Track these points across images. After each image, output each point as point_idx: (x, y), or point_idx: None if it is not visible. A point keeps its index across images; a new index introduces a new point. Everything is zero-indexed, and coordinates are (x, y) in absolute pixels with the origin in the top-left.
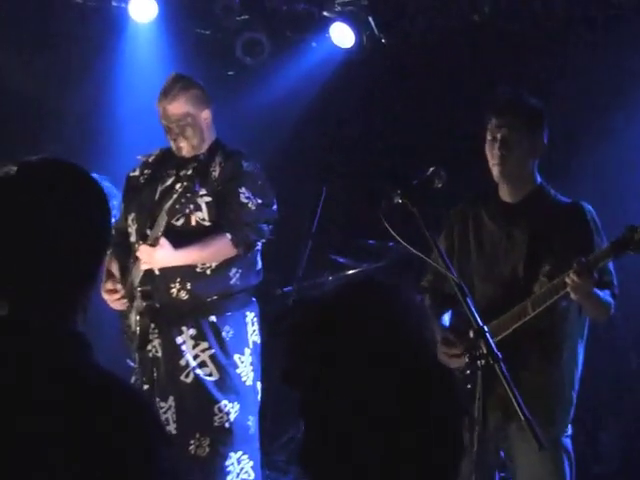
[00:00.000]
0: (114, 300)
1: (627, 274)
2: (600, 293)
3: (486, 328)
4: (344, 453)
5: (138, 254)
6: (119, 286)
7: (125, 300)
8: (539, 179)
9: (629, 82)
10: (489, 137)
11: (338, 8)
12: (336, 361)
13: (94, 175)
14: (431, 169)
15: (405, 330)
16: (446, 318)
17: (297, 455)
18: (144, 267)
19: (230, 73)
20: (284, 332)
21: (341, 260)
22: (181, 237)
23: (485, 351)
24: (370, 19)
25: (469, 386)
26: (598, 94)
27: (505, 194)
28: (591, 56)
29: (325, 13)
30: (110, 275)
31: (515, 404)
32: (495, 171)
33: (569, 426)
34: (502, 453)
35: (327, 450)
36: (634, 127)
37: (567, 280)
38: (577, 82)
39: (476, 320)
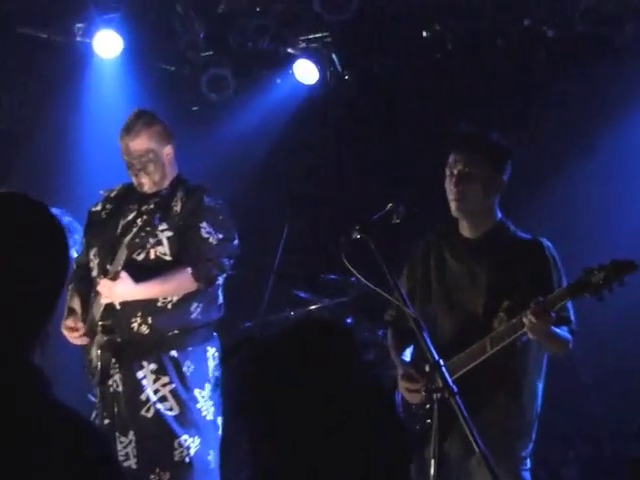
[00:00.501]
0: (74, 337)
1: (587, 309)
2: (558, 330)
3: (442, 362)
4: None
5: (98, 288)
6: (80, 324)
7: (85, 337)
8: (499, 215)
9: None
10: (447, 173)
11: (302, 45)
12: (292, 394)
13: (54, 210)
14: (390, 205)
15: (356, 364)
16: (408, 353)
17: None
18: (105, 301)
19: (195, 109)
20: (237, 364)
21: (303, 295)
22: (142, 271)
23: (441, 385)
24: (333, 56)
25: (429, 421)
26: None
27: (465, 230)
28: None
29: (289, 50)
30: (72, 312)
31: (470, 437)
32: (452, 207)
33: (528, 460)
34: None
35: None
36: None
37: (525, 320)
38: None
39: (432, 354)
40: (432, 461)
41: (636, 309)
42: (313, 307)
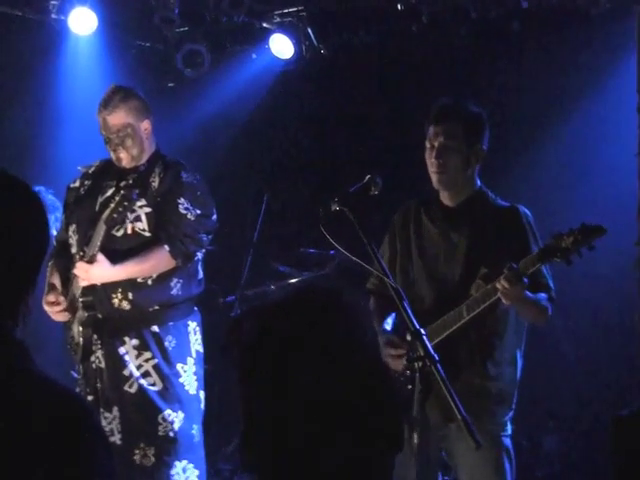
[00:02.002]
0: (56, 312)
1: (564, 276)
2: (534, 297)
3: (423, 331)
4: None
5: (75, 271)
6: (61, 298)
7: (66, 313)
8: (479, 183)
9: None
10: (427, 145)
11: (277, 19)
12: (288, 370)
13: (38, 188)
14: (367, 176)
15: (350, 335)
16: (390, 320)
17: (242, 460)
18: (83, 284)
19: (170, 85)
20: (234, 342)
21: (283, 269)
22: (121, 247)
23: (422, 353)
24: (309, 30)
25: (409, 387)
26: (540, 96)
27: (445, 198)
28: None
29: (264, 24)
30: (52, 287)
31: (452, 403)
32: (434, 179)
33: (509, 426)
34: (444, 453)
35: (281, 454)
36: (576, 129)
37: (498, 286)
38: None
39: (412, 323)
40: (416, 429)
41: (615, 277)
42: (293, 280)
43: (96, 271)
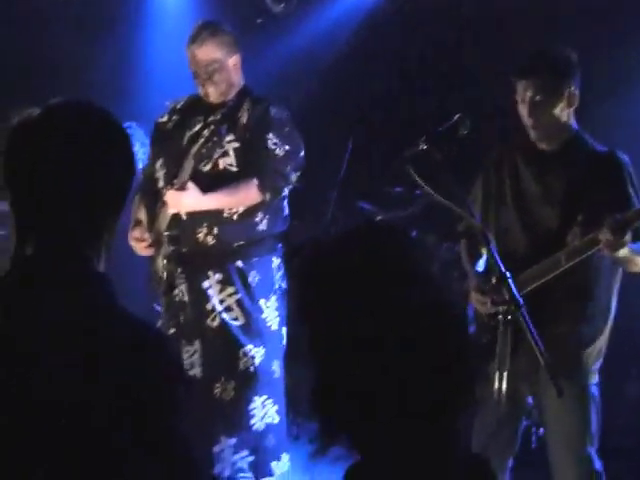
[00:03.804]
0: (141, 248)
1: None
2: (634, 246)
3: (509, 274)
4: (355, 392)
5: (166, 198)
6: (146, 235)
7: (151, 248)
8: (575, 127)
9: None
10: (518, 99)
11: None
12: (349, 298)
13: (129, 123)
14: (456, 116)
15: (406, 271)
16: (481, 263)
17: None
18: (171, 211)
19: (259, 21)
20: (296, 271)
21: (368, 207)
22: (208, 182)
23: (507, 297)
24: None
25: (501, 329)
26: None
27: (541, 142)
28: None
29: None
30: (138, 223)
31: (536, 349)
32: (531, 133)
33: (597, 375)
34: (530, 399)
35: (339, 389)
36: None
37: (601, 237)
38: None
39: (499, 267)
40: (504, 374)
41: None
42: (377, 219)
43: (187, 199)
